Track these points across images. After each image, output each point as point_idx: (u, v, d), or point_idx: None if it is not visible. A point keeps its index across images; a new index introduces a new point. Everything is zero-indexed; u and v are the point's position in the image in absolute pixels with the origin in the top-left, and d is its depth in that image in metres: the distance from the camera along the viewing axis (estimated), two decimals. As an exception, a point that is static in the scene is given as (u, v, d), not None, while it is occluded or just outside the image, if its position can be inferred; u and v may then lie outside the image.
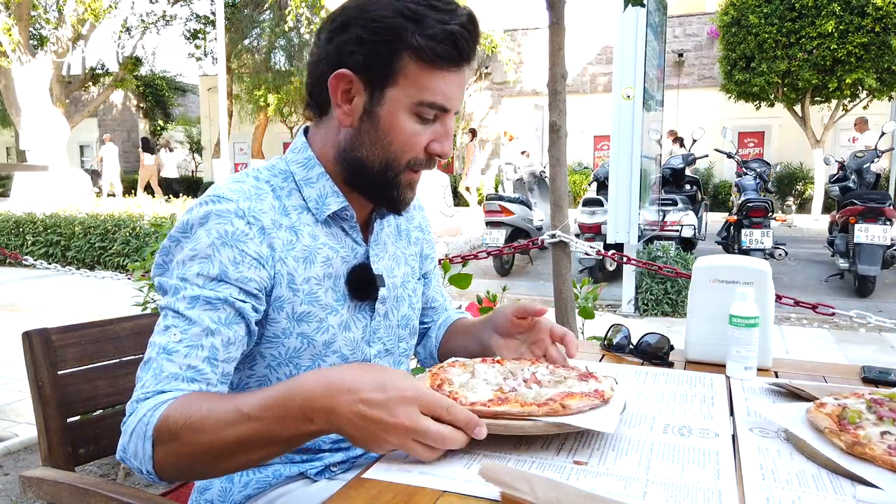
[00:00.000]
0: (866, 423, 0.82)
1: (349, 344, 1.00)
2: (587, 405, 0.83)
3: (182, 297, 0.87)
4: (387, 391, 0.73)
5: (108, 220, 7.47)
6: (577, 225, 6.25)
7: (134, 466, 0.81)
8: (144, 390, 0.83)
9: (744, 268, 1.24)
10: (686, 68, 16.70)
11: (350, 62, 0.91)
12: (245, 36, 16.94)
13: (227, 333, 0.87)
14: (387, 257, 1.08)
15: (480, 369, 0.96)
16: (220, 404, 0.78)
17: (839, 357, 4.15)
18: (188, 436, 0.77)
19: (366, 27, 0.90)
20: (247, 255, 0.90)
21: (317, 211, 0.98)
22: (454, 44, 0.90)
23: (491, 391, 0.87)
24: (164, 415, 0.79)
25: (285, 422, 0.75)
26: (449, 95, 0.93)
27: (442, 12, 0.89)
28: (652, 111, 5.88)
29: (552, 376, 0.94)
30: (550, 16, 2.57)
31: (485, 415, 0.80)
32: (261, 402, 0.76)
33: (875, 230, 5.58)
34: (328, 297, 0.98)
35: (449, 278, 2.41)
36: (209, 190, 0.94)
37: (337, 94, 0.93)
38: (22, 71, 11.35)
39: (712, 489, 0.73)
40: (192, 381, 0.84)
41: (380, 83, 0.91)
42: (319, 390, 0.74)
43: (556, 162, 2.65)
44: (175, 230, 0.92)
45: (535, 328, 1.08)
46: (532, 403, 0.82)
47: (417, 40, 0.88)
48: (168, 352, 0.84)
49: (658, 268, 3.77)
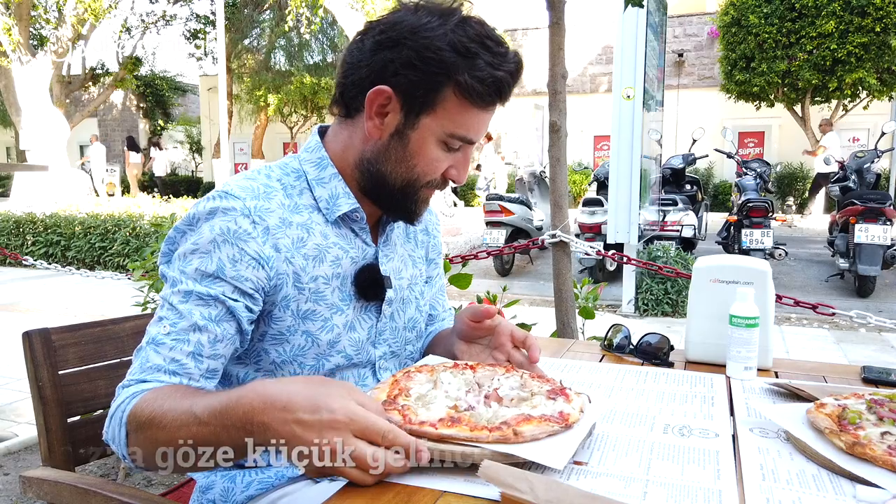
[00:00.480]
0: (866, 424, 0.82)
1: (354, 344, 1.01)
2: (544, 432, 0.78)
3: (178, 290, 0.89)
4: (319, 413, 0.70)
5: (108, 220, 7.48)
6: (578, 225, 6.25)
7: (114, 449, 0.85)
8: (130, 377, 0.86)
9: (744, 268, 1.24)
10: (686, 68, 16.69)
11: (393, 81, 0.92)
12: (245, 36, 16.95)
13: (216, 330, 0.88)
14: (396, 259, 1.09)
15: (445, 378, 0.91)
16: (180, 403, 0.79)
17: (839, 357, 4.15)
18: (150, 430, 0.79)
19: (418, 53, 0.90)
20: (246, 254, 0.90)
21: (327, 211, 0.99)
22: (498, 89, 0.92)
23: (445, 408, 0.82)
24: (137, 404, 0.82)
25: (230, 430, 0.75)
26: (478, 130, 0.96)
27: (493, 55, 0.91)
28: (652, 111, 5.88)
29: (520, 391, 0.89)
30: (550, 16, 2.57)
31: (431, 437, 0.76)
32: (211, 408, 0.76)
33: (875, 230, 5.58)
34: (334, 297, 0.98)
35: (449, 278, 2.41)
36: (219, 185, 0.95)
37: (373, 106, 0.94)
38: (22, 71, 11.35)
39: (712, 489, 0.73)
40: (173, 374, 0.86)
41: (417, 109, 0.93)
42: (257, 404, 0.73)
43: (557, 162, 2.65)
44: (182, 222, 0.93)
45: (494, 332, 1.06)
46: (483, 427, 0.77)
47: (466, 79, 0.90)
48: (156, 343, 0.87)
49: (658, 268, 3.77)
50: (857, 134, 15.20)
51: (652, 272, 5.10)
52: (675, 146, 13.70)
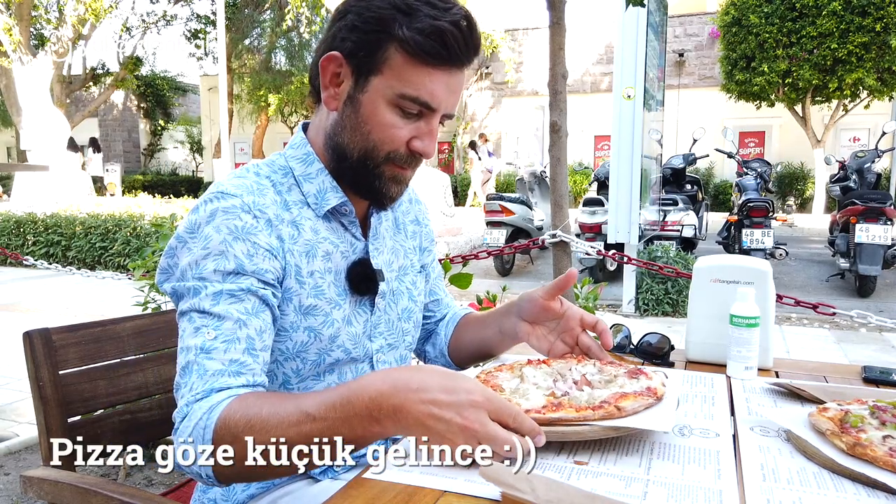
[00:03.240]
0: (868, 428, 0.82)
1: (351, 338, 1.00)
2: (642, 405, 0.83)
3: (205, 295, 0.86)
4: (456, 393, 0.73)
5: (108, 220, 7.48)
6: (578, 225, 6.25)
7: (193, 472, 0.79)
8: (194, 392, 0.81)
9: (744, 268, 1.24)
10: (687, 68, 16.69)
11: (341, 47, 0.92)
12: (246, 36, 16.96)
13: (257, 322, 0.87)
14: (386, 251, 1.08)
15: (529, 373, 0.94)
16: (282, 405, 0.77)
17: (840, 357, 4.14)
18: (251, 436, 0.76)
19: (359, 15, 0.91)
20: (259, 246, 0.90)
21: (316, 206, 0.98)
22: (442, 41, 0.88)
23: (543, 396, 0.86)
24: (223, 416, 0.77)
25: (351, 422, 0.74)
26: (434, 93, 0.91)
27: (436, 9, 0.89)
28: (652, 111, 5.88)
29: (601, 375, 0.93)
30: (551, 16, 2.57)
31: (541, 422, 0.79)
32: (325, 403, 0.75)
33: (876, 230, 5.58)
34: (331, 292, 0.98)
35: (449, 278, 2.41)
36: (211, 187, 0.94)
37: (327, 75, 0.94)
38: (22, 71, 11.35)
39: (713, 489, 0.73)
40: (237, 375, 0.83)
41: (365, 71, 0.92)
42: (387, 389, 0.73)
43: (557, 162, 2.65)
44: (182, 230, 0.91)
45: (564, 316, 1.08)
46: (586, 407, 0.82)
47: (404, 32, 0.88)
48: (206, 350, 0.83)
49: (659, 268, 3.77)
50: (857, 134, 15.21)
51: (652, 272, 5.10)
52: (676, 146, 13.70)
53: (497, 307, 1.19)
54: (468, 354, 1.21)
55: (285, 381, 0.99)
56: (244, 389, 0.83)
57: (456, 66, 0.92)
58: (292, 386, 0.99)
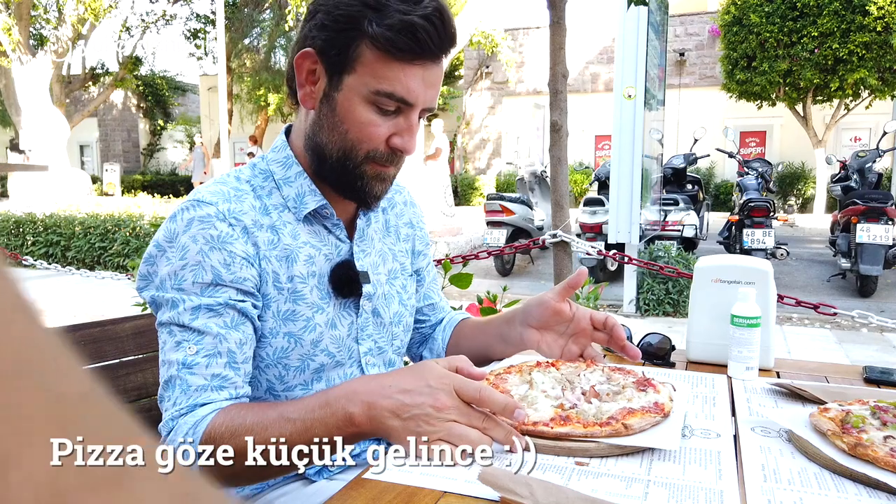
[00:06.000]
0: (870, 428, 0.82)
1: (335, 342, 1.00)
2: (648, 423, 0.84)
3: (183, 309, 0.87)
4: (424, 378, 0.77)
5: (108, 220, 7.47)
6: (578, 225, 6.24)
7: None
8: (178, 407, 0.84)
9: (745, 268, 1.24)
10: (687, 67, 16.68)
11: (313, 45, 0.92)
12: (245, 35, 16.94)
13: (237, 335, 0.88)
14: (374, 254, 1.07)
15: (538, 378, 0.95)
16: (265, 413, 0.80)
17: (841, 357, 4.14)
18: (233, 441, 0.78)
19: (328, 13, 0.90)
20: (235, 255, 0.90)
21: (295, 210, 0.98)
22: (413, 35, 0.87)
23: (551, 407, 0.88)
24: (208, 430, 0.81)
25: (328, 424, 0.77)
26: (410, 88, 0.90)
27: (406, 3, 0.88)
28: (653, 110, 5.87)
29: (610, 385, 0.94)
30: (551, 15, 2.57)
31: (548, 436, 0.81)
32: (304, 407, 0.79)
33: (877, 230, 5.58)
34: (314, 296, 0.97)
35: (450, 278, 2.40)
36: (189, 195, 0.94)
37: (302, 73, 0.94)
38: (22, 71, 11.36)
39: (714, 490, 0.73)
40: (220, 389, 0.86)
41: (338, 69, 0.91)
42: (360, 387, 0.78)
43: (558, 161, 2.65)
44: (160, 238, 0.91)
45: (573, 319, 1.07)
46: (594, 423, 0.83)
47: (374, 29, 0.87)
48: (188, 366, 0.85)
49: (659, 268, 3.77)
50: (858, 133, 15.20)
51: (653, 272, 5.10)
52: (677, 146, 13.70)
53: (498, 314, 1.18)
54: None
55: (269, 387, 0.98)
56: (227, 402, 0.85)
57: (430, 60, 0.91)
58: (277, 393, 0.98)
